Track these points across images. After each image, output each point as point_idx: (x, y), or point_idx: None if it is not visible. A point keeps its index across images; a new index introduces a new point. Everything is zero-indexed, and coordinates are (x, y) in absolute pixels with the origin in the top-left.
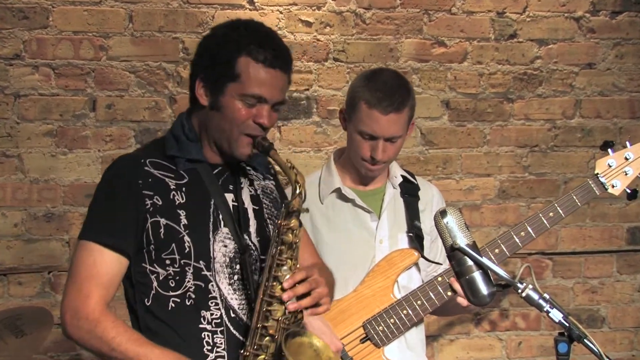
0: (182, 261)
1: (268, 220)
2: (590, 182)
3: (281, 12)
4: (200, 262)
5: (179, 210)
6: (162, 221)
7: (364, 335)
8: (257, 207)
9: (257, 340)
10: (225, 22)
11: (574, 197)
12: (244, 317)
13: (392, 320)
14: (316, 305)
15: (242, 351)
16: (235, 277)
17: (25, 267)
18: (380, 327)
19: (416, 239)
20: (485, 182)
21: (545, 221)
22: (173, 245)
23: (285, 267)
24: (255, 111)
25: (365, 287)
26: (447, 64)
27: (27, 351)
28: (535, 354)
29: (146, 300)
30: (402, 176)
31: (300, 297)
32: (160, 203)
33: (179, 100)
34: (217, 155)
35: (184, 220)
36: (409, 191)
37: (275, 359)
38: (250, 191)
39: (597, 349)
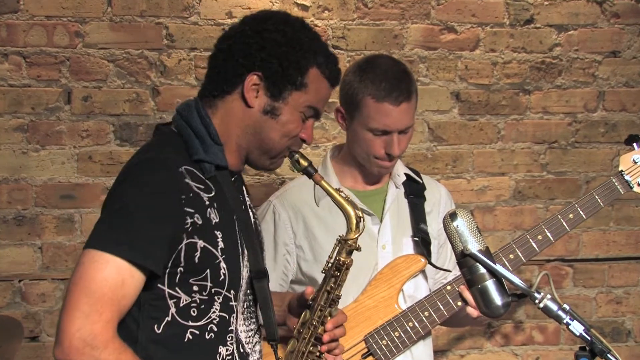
0: (213, 289)
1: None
2: (613, 180)
3: None
4: (231, 291)
5: (216, 232)
6: (200, 243)
7: (366, 350)
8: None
9: None
10: (285, 16)
11: (596, 196)
12: (249, 351)
13: (396, 333)
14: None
15: None
16: (246, 304)
17: None
18: (384, 341)
19: (422, 243)
20: (499, 182)
21: (564, 223)
22: (207, 271)
23: (334, 308)
24: (304, 125)
25: (367, 297)
26: (458, 52)
27: None
28: None
29: (156, 327)
30: (406, 175)
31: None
32: (200, 222)
33: (162, 91)
34: (240, 163)
35: (220, 244)
36: (414, 191)
37: None
38: (249, 201)
39: None
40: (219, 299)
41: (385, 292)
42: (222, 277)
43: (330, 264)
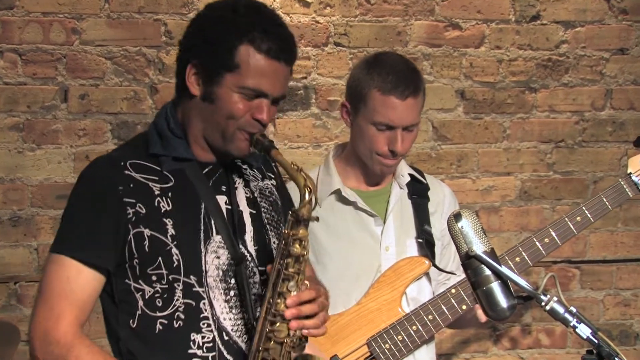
0: (170, 277)
1: (267, 225)
2: (622, 182)
3: None
4: (191, 277)
5: (164, 219)
6: (147, 232)
7: (369, 354)
8: (254, 211)
9: None
10: (223, 0)
11: (604, 199)
12: (239, 340)
13: (399, 337)
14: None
15: None
16: (232, 292)
17: None
18: (387, 345)
19: (426, 245)
20: (505, 182)
21: (572, 226)
22: (159, 258)
23: (291, 283)
24: (254, 105)
25: (370, 300)
26: (462, 49)
27: None
28: None
29: (131, 321)
30: (410, 175)
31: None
32: (144, 211)
33: (160, 89)
34: (208, 153)
35: (171, 230)
36: (418, 192)
37: None
38: (246, 193)
39: None
40: (178, 285)
41: (388, 294)
42: (176, 263)
43: (282, 240)
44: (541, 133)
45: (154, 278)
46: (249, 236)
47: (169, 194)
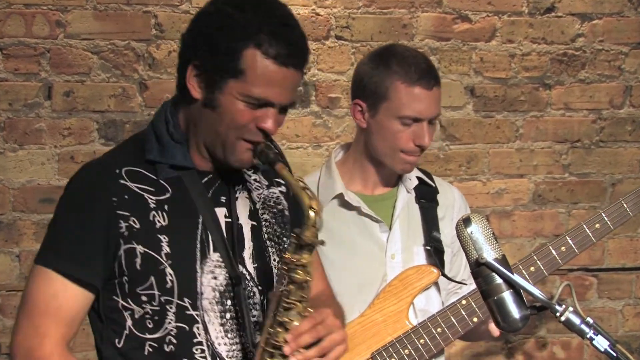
0: (162, 298)
1: (268, 241)
2: None
3: None
4: (185, 299)
5: (159, 236)
6: (139, 249)
7: None
8: (255, 224)
9: None
10: None
11: (625, 205)
12: None
13: (406, 350)
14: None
15: None
16: (228, 315)
17: None
18: (393, 359)
19: (435, 253)
20: (518, 185)
21: (590, 234)
22: (152, 278)
23: (293, 312)
24: (258, 114)
25: (375, 311)
26: (472, 43)
27: None
28: None
29: (117, 341)
30: (418, 178)
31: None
32: (138, 226)
33: (150, 86)
34: (208, 161)
35: (165, 249)
36: (426, 195)
37: None
38: (248, 204)
39: None
40: (171, 308)
41: (394, 306)
42: (170, 284)
43: (283, 266)
44: (556, 132)
45: (144, 298)
46: (247, 252)
47: (165, 207)
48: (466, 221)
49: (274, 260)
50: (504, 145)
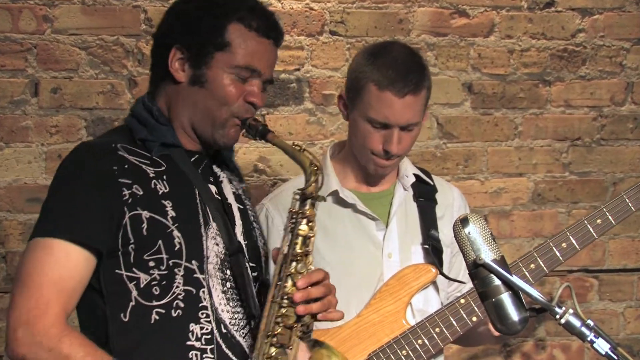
0: (170, 261)
1: (254, 223)
2: None
3: None
4: (193, 262)
5: (163, 201)
6: (145, 214)
7: None
8: (241, 207)
9: (267, 351)
10: None
11: (627, 199)
12: (237, 334)
13: (404, 351)
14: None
15: None
16: (228, 284)
17: None
18: None
19: (433, 252)
20: (517, 184)
21: (591, 230)
22: (160, 242)
23: (300, 264)
24: (247, 88)
25: (372, 312)
26: (470, 38)
27: None
28: None
29: (123, 315)
30: (415, 175)
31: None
32: (141, 193)
33: (140, 82)
34: (194, 142)
35: (171, 212)
36: (424, 194)
37: None
38: (232, 188)
39: None
40: (179, 271)
41: (391, 305)
42: (178, 246)
43: (289, 219)
44: (556, 130)
45: (151, 264)
46: (239, 229)
47: (164, 177)
48: (464, 221)
49: (261, 241)
50: (503, 144)
